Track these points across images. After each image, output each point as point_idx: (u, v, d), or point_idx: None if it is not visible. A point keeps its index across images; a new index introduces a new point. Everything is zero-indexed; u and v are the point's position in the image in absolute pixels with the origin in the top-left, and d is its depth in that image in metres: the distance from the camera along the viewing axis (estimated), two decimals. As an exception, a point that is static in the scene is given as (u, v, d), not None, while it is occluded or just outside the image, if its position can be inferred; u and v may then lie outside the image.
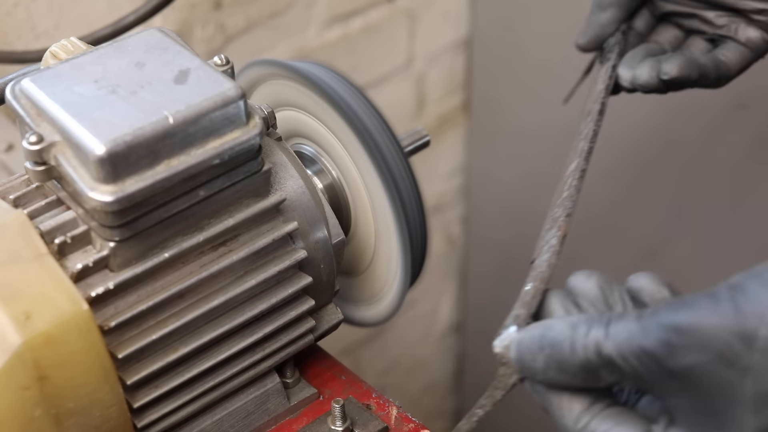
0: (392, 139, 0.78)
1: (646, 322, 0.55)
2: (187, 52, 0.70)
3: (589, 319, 0.58)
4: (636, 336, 0.55)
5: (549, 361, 0.59)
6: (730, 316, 0.53)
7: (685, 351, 0.54)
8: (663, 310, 0.55)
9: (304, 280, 0.75)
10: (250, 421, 0.78)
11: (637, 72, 0.87)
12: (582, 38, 0.92)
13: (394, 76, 1.76)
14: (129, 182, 0.65)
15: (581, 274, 0.64)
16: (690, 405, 0.55)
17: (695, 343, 0.54)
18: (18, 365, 0.62)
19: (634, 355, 0.55)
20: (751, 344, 0.52)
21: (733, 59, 0.89)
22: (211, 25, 1.46)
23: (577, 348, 0.58)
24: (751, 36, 0.88)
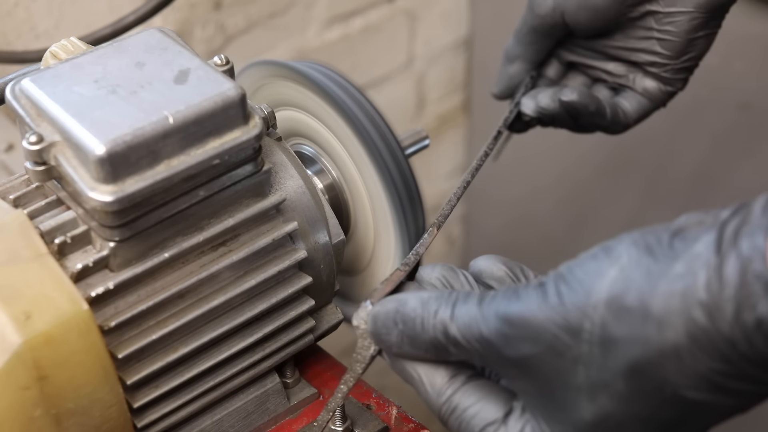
0: (392, 140, 0.78)
1: (485, 310, 0.58)
2: (187, 52, 0.70)
3: (438, 296, 0.60)
4: (476, 322, 0.58)
5: (402, 336, 0.61)
6: (555, 309, 0.55)
7: (518, 342, 0.56)
8: (499, 299, 0.57)
9: (304, 280, 0.75)
10: (250, 421, 0.78)
11: (538, 98, 0.92)
12: (495, 88, 0.97)
13: (394, 76, 1.76)
14: (129, 182, 0.65)
15: (427, 266, 0.65)
16: (532, 389, 0.57)
17: (526, 336, 0.56)
18: (18, 365, 0.62)
19: (475, 339, 0.58)
20: (578, 336, 0.54)
21: (630, 107, 0.93)
22: (211, 25, 1.46)
23: (427, 326, 0.60)
24: (648, 86, 0.92)
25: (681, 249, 0.52)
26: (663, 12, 0.87)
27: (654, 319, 0.52)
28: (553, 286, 0.56)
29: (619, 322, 0.53)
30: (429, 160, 1.86)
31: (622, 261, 0.54)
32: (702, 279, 0.51)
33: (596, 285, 0.54)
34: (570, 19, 0.90)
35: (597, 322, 0.53)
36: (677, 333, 0.51)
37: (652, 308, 0.52)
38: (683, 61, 0.90)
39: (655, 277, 0.52)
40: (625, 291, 0.53)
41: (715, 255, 0.51)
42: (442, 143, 1.90)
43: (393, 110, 1.75)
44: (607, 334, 0.53)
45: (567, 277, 0.55)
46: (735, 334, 0.50)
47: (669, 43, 0.89)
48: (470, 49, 1.84)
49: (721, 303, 0.50)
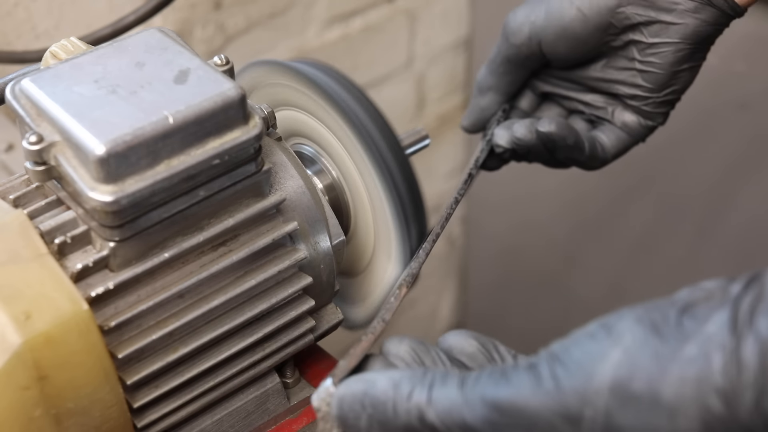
0: (392, 139, 0.78)
1: (469, 393, 0.53)
2: (187, 52, 0.70)
3: (411, 377, 0.56)
4: (458, 408, 0.53)
5: (371, 421, 0.57)
6: (552, 395, 0.50)
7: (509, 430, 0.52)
8: (485, 381, 0.53)
9: (304, 280, 0.75)
10: (250, 421, 0.78)
11: (513, 128, 0.86)
12: (465, 120, 0.92)
13: (394, 76, 1.76)
14: (129, 182, 0.65)
15: (393, 339, 0.61)
16: None
17: (518, 424, 0.51)
18: (18, 365, 0.62)
19: (458, 427, 0.53)
20: (578, 425, 0.50)
21: (608, 142, 0.89)
22: (211, 25, 1.46)
23: (400, 411, 0.55)
24: (627, 120, 0.88)
25: (691, 329, 0.49)
26: (646, 42, 0.83)
27: (665, 408, 0.48)
28: (548, 369, 0.51)
29: (626, 410, 0.49)
30: (429, 160, 1.86)
31: (626, 341, 0.50)
32: (717, 363, 0.47)
33: (598, 369, 0.50)
34: (547, 49, 0.86)
35: (600, 409, 0.49)
36: (691, 422, 0.47)
37: (663, 395, 0.48)
38: (665, 94, 0.86)
39: (665, 360, 0.48)
40: (632, 376, 0.49)
41: (730, 336, 0.47)
42: (442, 143, 1.90)
43: (393, 110, 1.75)
44: (611, 424, 0.49)
45: (563, 359, 0.51)
46: (755, 423, 0.46)
47: (652, 76, 0.84)
48: (470, 49, 1.84)
49: (740, 389, 0.46)
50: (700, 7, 0.81)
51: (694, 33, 0.82)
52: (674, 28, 0.82)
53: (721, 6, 0.81)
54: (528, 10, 0.85)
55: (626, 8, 0.82)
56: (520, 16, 0.86)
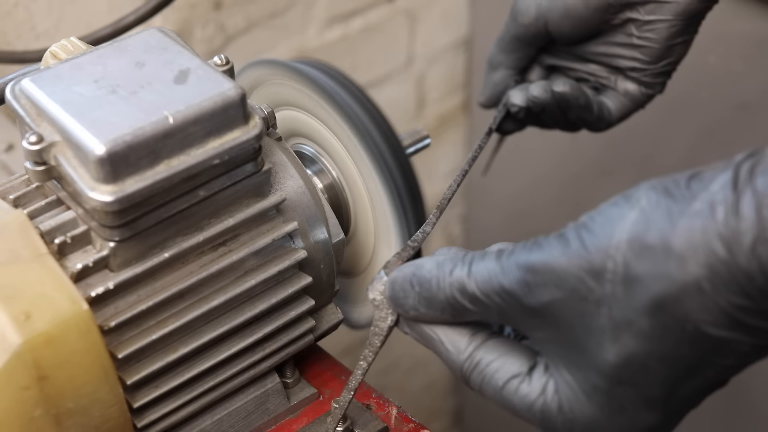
0: (393, 139, 0.78)
1: (505, 263, 0.59)
2: (187, 52, 0.70)
3: (454, 258, 0.61)
4: (496, 275, 0.59)
5: (419, 297, 0.62)
6: (578, 253, 0.56)
7: (541, 289, 0.57)
8: (519, 251, 0.59)
9: (304, 280, 0.75)
10: (250, 421, 0.78)
11: (530, 89, 0.94)
12: (481, 97, 1.01)
13: (394, 76, 1.76)
14: (129, 182, 0.65)
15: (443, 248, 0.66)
16: (553, 338, 0.58)
17: (549, 282, 0.57)
18: (18, 365, 0.62)
19: (495, 293, 0.59)
20: (601, 278, 0.55)
21: (613, 107, 0.96)
22: (211, 25, 1.46)
23: (443, 285, 0.61)
24: (629, 88, 0.95)
25: (698, 189, 0.54)
26: (642, 20, 0.90)
27: (675, 255, 0.53)
28: (575, 233, 0.57)
29: (642, 259, 0.54)
30: (429, 160, 1.86)
31: (642, 204, 0.55)
32: (720, 214, 0.52)
33: (618, 227, 0.55)
34: (553, 28, 0.93)
35: (620, 261, 0.55)
36: (698, 267, 0.52)
37: (674, 244, 0.53)
38: (662, 66, 0.93)
39: (675, 215, 0.54)
40: (646, 230, 0.54)
41: (731, 192, 0.53)
42: (442, 143, 1.90)
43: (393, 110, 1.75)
44: (629, 273, 0.54)
45: (588, 225, 0.56)
46: (752, 266, 0.51)
47: (648, 50, 0.92)
48: (470, 49, 1.84)
49: (739, 236, 0.52)
50: None
51: (685, 11, 0.89)
52: (667, 6, 0.89)
53: None
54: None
55: None
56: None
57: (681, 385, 0.56)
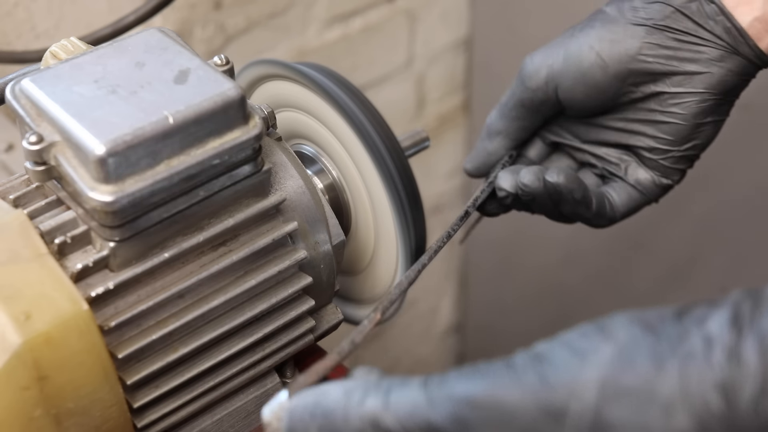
0: (392, 140, 0.78)
1: (433, 392, 0.49)
2: (187, 52, 0.70)
3: (365, 384, 0.52)
4: (421, 408, 0.49)
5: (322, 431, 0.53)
6: (534, 388, 0.47)
7: (482, 428, 0.48)
8: (454, 379, 0.49)
9: (304, 280, 0.75)
10: (250, 421, 0.78)
11: (520, 174, 0.81)
12: (469, 163, 0.88)
13: (394, 76, 1.76)
14: (129, 182, 0.65)
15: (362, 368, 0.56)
16: None
17: (494, 419, 0.48)
18: (18, 365, 0.62)
19: (419, 429, 0.49)
20: (561, 421, 0.47)
21: (619, 200, 0.84)
22: (211, 25, 1.46)
23: (352, 418, 0.52)
24: (641, 177, 0.83)
25: (690, 326, 0.47)
26: (669, 92, 0.79)
27: (660, 403, 0.46)
28: (529, 363, 0.48)
29: (617, 405, 0.46)
30: (429, 160, 1.86)
31: (619, 338, 0.48)
32: (718, 358, 0.45)
33: (588, 362, 0.47)
34: (564, 95, 0.81)
35: (589, 403, 0.47)
36: (687, 419, 0.45)
37: (659, 390, 0.46)
38: (686, 149, 0.82)
39: (662, 356, 0.46)
40: (625, 370, 0.47)
41: (730, 333, 0.46)
42: (442, 143, 1.90)
43: (393, 110, 1.75)
44: (600, 419, 0.46)
45: (547, 355, 0.48)
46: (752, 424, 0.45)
47: (673, 127, 0.80)
48: (470, 49, 1.84)
49: (740, 386, 0.45)
50: (725, 56, 0.78)
51: (719, 83, 0.79)
52: (698, 77, 0.78)
53: (747, 55, 0.78)
54: (546, 54, 0.82)
55: (647, 56, 0.78)
56: (538, 59, 0.82)
57: None
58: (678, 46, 0.78)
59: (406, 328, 1.99)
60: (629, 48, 0.79)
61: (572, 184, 0.80)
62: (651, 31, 0.78)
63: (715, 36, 0.78)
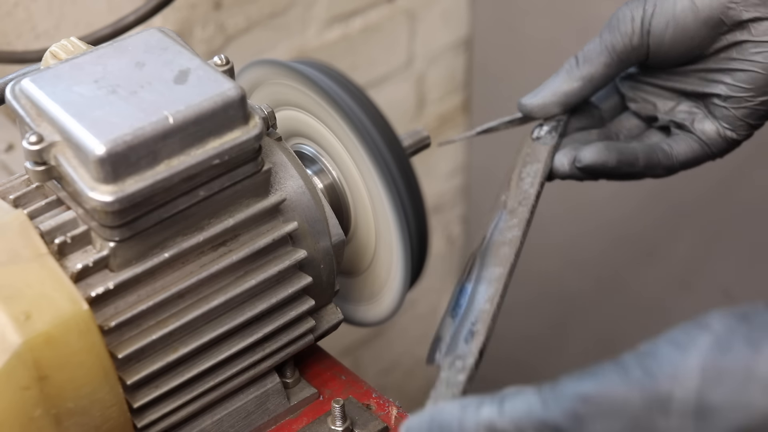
0: (393, 139, 0.78)
1: (547, 395, 0.52)
2: (187, 52, 0.70)
3: (480, 398, 0.54)
4: (536, 409, 0.51)
5: None
6: (640, 380, 0.50)
7: (595, 420, 0.50)
8: (565, 382, 0.52)
9: (304, 280, 0.75)
10: (250, 421, 0.78)
11: (556, 159, 0.84)
12: (531, 99, 0.86)
13: (394, 76, 1.76)
14: (129, 182, 0.65)
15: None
16: None
17: (605, 412, 0.50)
18: (18, 365, 0.62)
19: (534, 429, 0.51)
20: (667, 408, 0.49)
21: (679, 150, 0.85)
22: (211, 25, 1.46)
23: (468, 427, 0.53)
24: (706, 129, 0.84)
25: None
26: (753, 41, 0.79)
27: (760, 382, 0.47)
28: (635, 360, 0.51)
29: (718, 387, 0.48)
30: (429, 160, 1.86)
31: (716, 328, 0.50)
32: None
33: (688, 352, 0.49)
34: (654, 40, 0.82)
35: (691, 389, 0.49)
36: None
37: (757, 370, 0.48)
38: (761, 102, 0.81)
39: (757, 340, 0.48)
40: (724, 355, 0.49)
41: None
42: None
43: (393, 110, 1.75)
44: (703, 402, 0.49)
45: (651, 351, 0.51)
46: None
47: (751, 76, 0.80)
48: (470, 49, 1.84)
49: None
50: None
51: None
52: None
53: None
54: (637, 2, 0.83)
55: (738, 4, 0.79)
56: (629, 7, 0.83)
57: None
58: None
59: (406, 329, 1.99)
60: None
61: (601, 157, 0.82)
62: None
63: None
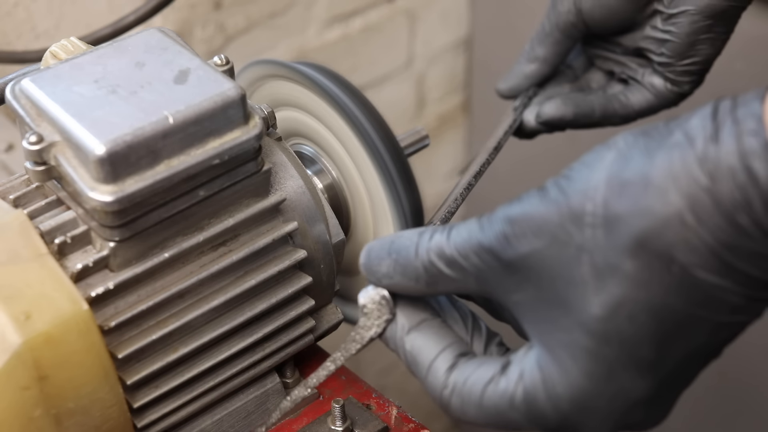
0: (392, 139, 0.78)
1: (484, 221, 0.58)
2: (187, 52, 0.70)
3: (434, 227, 0.61)
4: (474, 234, 0.58)
5: (395, 265, 0.61)
6: (557, 199, 0.55)
7: (520, 239, 0.56)
8: (499, 209, 0.58)
9: (304, 280, 0.75)
10: (250, 421, 0.78)
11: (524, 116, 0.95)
12: (503, 84, 0.98)
13: (394, 76, 1.76)
14: (129, 182, 0.65)
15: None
16: (534, 298, 0.57)
17: (528, 231, 0.56)
18: (18, 365, 0.62)
19: (473, 251, 0.58)
20: (580, 221, 0.54)
21: (633, 99, 0.94)
22: (211, 25, 1.46)
23: (421, 251, 0.60)
24: (655, 83, 0.93)
25: (676, 125, 0.53)
26: (666, 12, 0.89)
27: (655, 188, 0.52)
28: (554, 184, 0.56)
29: (621, 197, 0.53)
30: (429, 160, 1.86)
31: (619, 145, 0.54)
32: (699, 144, 0.51)
33: (595, 169, 0.54)
34: (587, 17, 0.92)
35: (599, 202, 0.53)
36: (679, 197, 0.51)
37: (653, 177, 0.52)
38: (686, 64, 0.91)
39: (653, 149, 0.53)
40: (624, 167, 0.53)
41: (711, 123, 0.52)
42: (442, 143, 1.90)
43: (393, 110, 1.75)
44: (609, 212, 0.53)
45: (567, 174, 0.56)
46: (735, 196, 0.50)
47: (671, 44, 0.90)
48: (470, 49, 1.84)
49: (719, 160, 0.50)
50: None
51: (707, 6, 0.87)
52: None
53: None
54: None
55: None
56: None
57: (671, 345, 0.54)
58: None
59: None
60: None
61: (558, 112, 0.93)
62: None
63: None
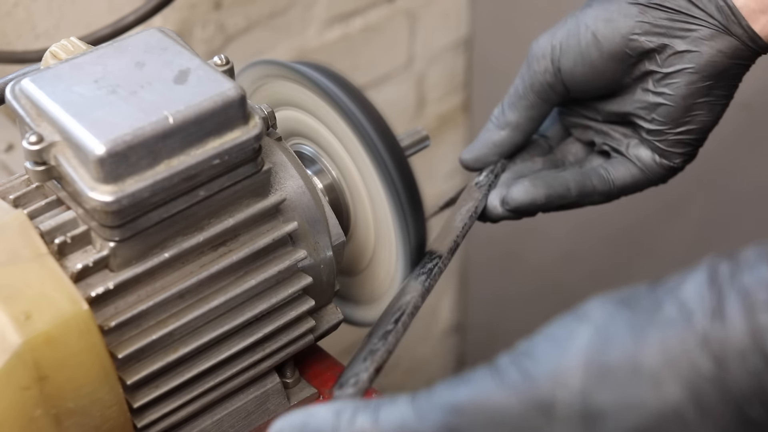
0: (392, 139, 0.78)
1: (421, 405, 0.48)
2: (187, 52, 0.70)
3: (355, 404, 0.51)
4: (410, 422, 0.48)
5: None
6: (518, 385, 0.45)
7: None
8: (438, 389, 0.48)
9: (304, 280, 0.75)
10: (250, 421, 0.78)
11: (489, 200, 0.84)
12: (467, 154, 0.88)
13: (394, 76, 1.76)
14: (129, 182, 0.65)
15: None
16: None
17: (480, 423, 0.46)
18: (18, 365, 0.62)
19: None
20: (550, 413, 0.45)
21: (617, 174, 0.84)
22: (211, 25, 1.46)
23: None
24: (642, 155, 0.83)
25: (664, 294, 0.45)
26: (661, 72, 0.78)
27: (647, 376, 0.43)
28: (511, 362, 0.46)
29: (603, 385, 0.44)
30: (429, 160, 1.86)
31: (595, 318, 0.46)
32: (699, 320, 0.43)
33: (568, 347, 0.45)
34: (566, 77, 0.81)
35: (575, 389, 0.44)
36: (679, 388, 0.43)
37: (643, 362, 0.43)
38: (680, 132, 0.80)
39: (641, 326, 0.44)
40: (605, 347, 0.44)
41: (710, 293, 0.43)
42: (442, 143, 1.90)
43: (393, 110, 1.75)
44: (589, 404, 0.44)
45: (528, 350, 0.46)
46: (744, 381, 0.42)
47: (665, 109, 0.79)
48: (470, 49, 1.84)
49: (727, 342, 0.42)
50: (716, 35, 0.76)
51: (708, 63, 0.77)
52: (687, 56, 0.77)
53: (739, 35, 0.76)
54: (549, 35, 0.82)
55: (640, 35, 0.78)
56: (542, 40, 0.82)
57: None
58: (670, 24, 0.77)
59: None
60: (622, 27, 0.78)
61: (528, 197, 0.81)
62: (644, 10, 0.78)
63: (707, 14, 0.76)
